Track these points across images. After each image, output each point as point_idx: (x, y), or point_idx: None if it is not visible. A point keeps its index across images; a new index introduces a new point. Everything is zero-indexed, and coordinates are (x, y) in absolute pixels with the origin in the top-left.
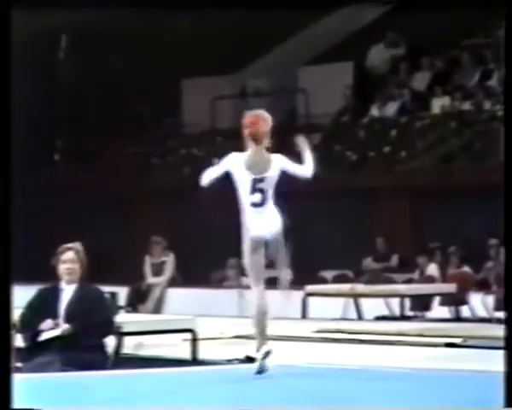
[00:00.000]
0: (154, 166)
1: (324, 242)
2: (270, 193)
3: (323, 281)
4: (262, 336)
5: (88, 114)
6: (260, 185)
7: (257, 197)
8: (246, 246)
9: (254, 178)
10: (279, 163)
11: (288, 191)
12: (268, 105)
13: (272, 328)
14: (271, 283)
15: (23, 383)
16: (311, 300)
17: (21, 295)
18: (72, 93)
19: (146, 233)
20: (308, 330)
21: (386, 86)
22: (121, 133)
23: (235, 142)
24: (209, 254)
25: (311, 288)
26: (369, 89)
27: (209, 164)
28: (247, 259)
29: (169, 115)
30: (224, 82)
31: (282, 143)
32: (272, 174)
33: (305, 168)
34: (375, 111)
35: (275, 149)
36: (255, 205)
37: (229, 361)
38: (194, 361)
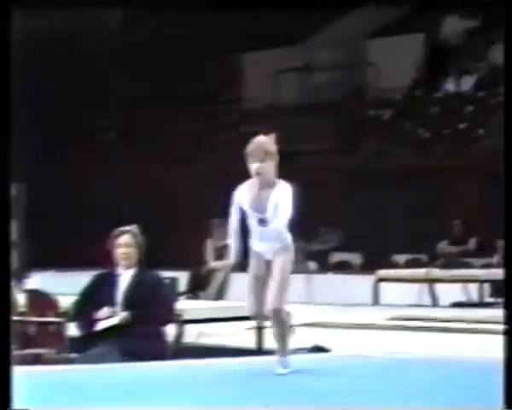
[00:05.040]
0: (210, 144)
1: (396, 224)
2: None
3: (396, 266)
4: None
5: (137, 88)
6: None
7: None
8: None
9: (260, 218)
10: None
11: (356, 172)
12: (334, 79)
13: (343, 315)
14: (341, 267)
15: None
16: (383, 285)
17: (75, 282)
18: (122, 65)
19: (206, 215)
20: (380, 318)
21: (461, 59)
22: (171, 109)
23: (298, 118)
24: None
25: (382, 273)
26: (443, 62)
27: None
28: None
29: (226, 89)
30: (287, 54)
31: (351, 119)
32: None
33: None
34: (449, 85)
35: (344, 127)
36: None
37: (297, 350)
38: (259, 351)
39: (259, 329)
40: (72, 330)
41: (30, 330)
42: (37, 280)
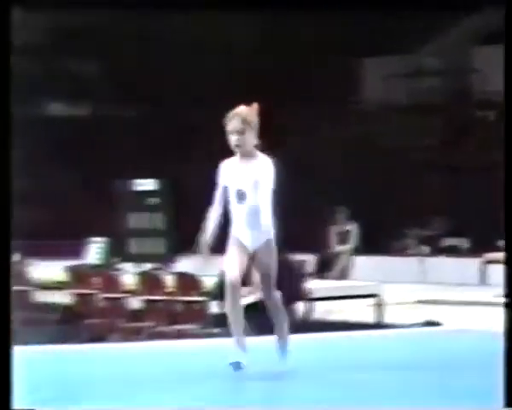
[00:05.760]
0: (326, 139)
1: (501, 212)
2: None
3: (501, 249)
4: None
5: (264, 87)
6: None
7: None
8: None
9: (238, 190)
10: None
11: (463, 166)
12: (442, 83)
13: (453, 294)
14: (451, 250)
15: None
16: (490, 267)
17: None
18: (246, 65)
19: (329, 204)
20: (487, 296)
21: None
22: (293, 107)
23: (409, 118)
24: (390, 224)
25: (489, 256)
26: None
27: (382, 139)
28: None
29: (346, 91)
30: (400, 61)
31: (455, 119)
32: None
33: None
34: None
35: (452, 125)
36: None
37: (412, 325)
38: (378, 325)
39: (379, 306)
40: (215, 307)
41: (177, 308)
42: (184, 264)
